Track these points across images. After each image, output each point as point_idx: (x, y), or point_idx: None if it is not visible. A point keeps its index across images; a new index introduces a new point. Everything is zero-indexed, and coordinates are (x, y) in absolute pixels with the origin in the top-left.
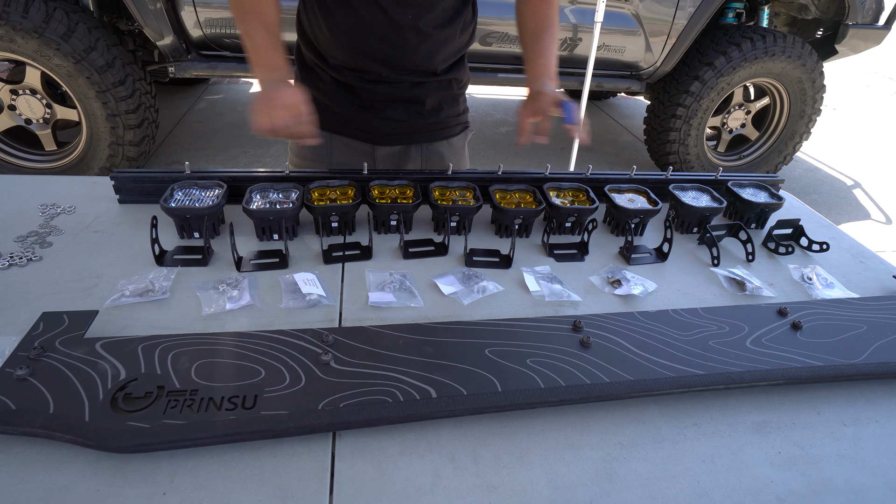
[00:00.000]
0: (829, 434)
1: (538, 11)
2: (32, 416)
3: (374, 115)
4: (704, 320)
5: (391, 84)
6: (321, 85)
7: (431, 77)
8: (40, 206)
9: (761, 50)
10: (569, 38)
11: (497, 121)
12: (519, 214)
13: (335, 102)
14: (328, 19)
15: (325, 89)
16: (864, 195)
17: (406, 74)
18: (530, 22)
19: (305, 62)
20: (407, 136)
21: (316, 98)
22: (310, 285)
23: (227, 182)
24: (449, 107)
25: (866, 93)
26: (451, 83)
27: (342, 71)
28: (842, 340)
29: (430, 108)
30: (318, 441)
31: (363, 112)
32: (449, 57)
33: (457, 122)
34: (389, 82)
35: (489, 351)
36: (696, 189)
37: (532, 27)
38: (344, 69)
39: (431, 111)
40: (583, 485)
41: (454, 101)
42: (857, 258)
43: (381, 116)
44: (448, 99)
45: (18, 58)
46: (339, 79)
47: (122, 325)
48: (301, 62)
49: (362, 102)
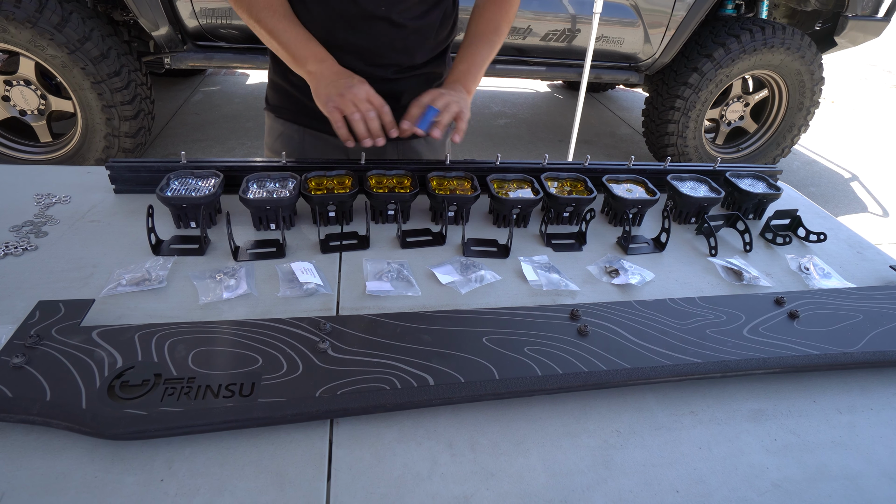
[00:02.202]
0: (825, 422)
1: (487, 18)
2: (29, 404)
3: None
4: (702, 309)
5: (366, 78)
6: (292, 76)
7: (409, 72)
8: (35, 196)
9: (760, 42)
10: (567, 28)
11: (495, 113)
12: (517, 204)
13: (307, 95)
14: (298, 8)
15: (297, 81)
16: (861, 188)
17: (382, 69)
18: (477, 25)
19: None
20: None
21: (287, 90)
22: (307, 274)
23: (224, 171)
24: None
25: (865, 86)
26: (431, 79)
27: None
28: (838, 329)
29: (406, 105)
30: (316, 428)
31: None
32: (429, 51)
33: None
34: (364, 76)
35: (487, 339)
36: (694, 179)
37: (475, 30)
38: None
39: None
40: (580, 472)
41: None
42: (854, 249)
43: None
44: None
45: (12, 48)
46: None
47: (118, 314)
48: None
49: None
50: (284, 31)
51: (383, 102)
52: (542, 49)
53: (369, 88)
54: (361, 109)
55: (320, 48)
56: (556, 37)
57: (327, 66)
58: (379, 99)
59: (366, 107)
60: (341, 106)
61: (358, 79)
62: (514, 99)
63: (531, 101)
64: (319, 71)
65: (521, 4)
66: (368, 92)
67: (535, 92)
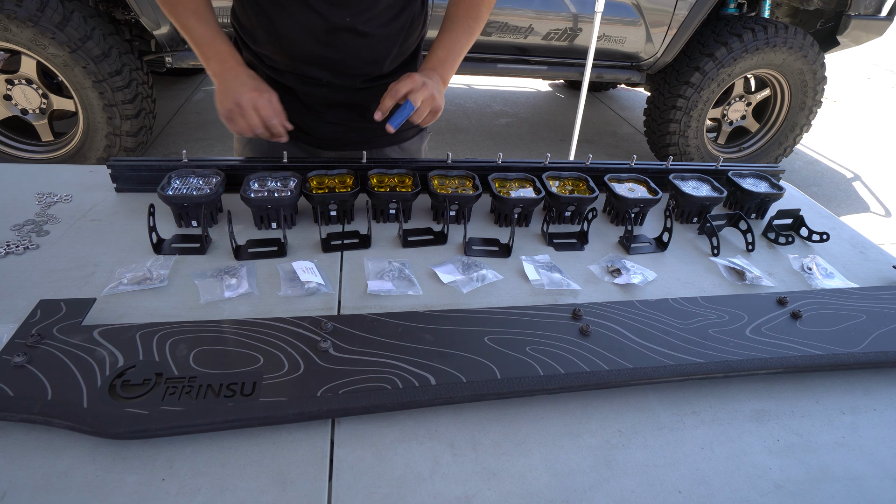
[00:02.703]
0: (828, 422)
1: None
2: (31, 403)
3: (315, 118)
4: (704, 309)
5: (334, 88)
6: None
7: (378, 81)
8: (37, 195)
9: (763, 41)
10: (569, 28)
11: (496, 112)
12: (519, 203)
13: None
14: (261, 20)
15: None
16: (863, 188)
17: (350, 79)
18: (457, 9)
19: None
20: (353, 140)
21: None
22: (308, 273)
23: (225, 170)
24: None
25: (867, 85)
26: None
27: (282, 73)
28: (841, 330)
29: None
30: (317, 428)
31: (305, 115)
32: (397, 57)
33: (408, 124)
34: (332, 87)
35: (488, 339)
36: (697, 179)
37: (455, 14)
38: (283, 72)
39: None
40: (582, 471)
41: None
42: (857, 249)
43: (323, 120)
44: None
45: (13, 47)
46: (278, 80)
47: (119, 312)
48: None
49: (303, 105)
50: (194, 28)
51: (271, 114)
52: (543, 48)
53: (259, 97)
54: (251, 124)
55: (226, 47)
56: (557, 36)
57: (228, 68)
58: (268, 109)
59: (254, 121)
60: (232, 117)
61: (250, 85)
62: (515, 98)
63: (532, 101)
64: (220, 72)
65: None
66: (256, 101)
67: (537, 91)
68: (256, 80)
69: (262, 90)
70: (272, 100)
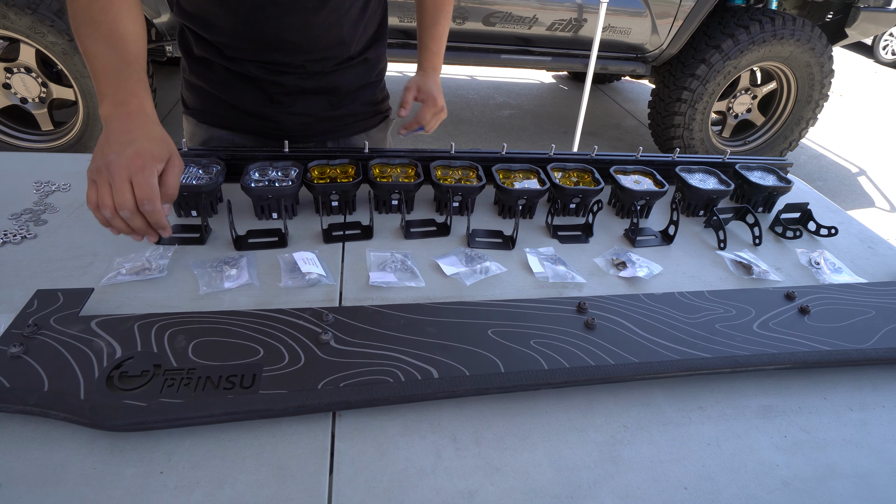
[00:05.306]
0: (836, 419)
1: None
2: (27, 394)
3: (280, 109)
4: (711, 303)
5: (298, 75)
6: (214, 77)
7: (346, 63)
8: (35, 184)
9: (770, 33)
10: (573, 18)
11: (499, 103)
12: (523, 195)
13: (232, 95)
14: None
15: (219, 81)
16: (869, 183)
17: (318, 63)
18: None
19: (193, 53)
20: (320, 131)
21: (209, 92)
22: (309, 264)
23: (226, 160)
24: (366, 96)
25: (874, 79)
26: (368, 68)
27: (241, 63)
28: (849, 325)
29: (344, 99)
30: (318, 421)
31: (267, 106)
32: (364, 38)
33: (375, 111)
34: (297, 73)
35: (492, 332)
36: (704, 171)
37: (432, 6)
38: (242, 60)
39: (346, 102)
40: (586, 467)
41: (371, 90)
42: (866, 243)
43: (288, 111)
44: (365, 87)
45: (12, 35)
46: (237, 70)
47: (118, 303)
48: (187, 52)
49: (266, 96)
50: (96, 56)
51: (147, 197)
52: (547, 39)
53: (142, 165)
54: (119, 202)
55: (133, 84)
56: (562, 26)
57: (122, 114)
58: (144, 190)
59: (121, 198)
60: (97, 184)
61: (139, 146)
62: (518, 90)
63: (536, 92)
64: (109, 117)
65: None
66: (136, 171)
67: (540, 83)
68: (155, 141)
69: (154, 157)
70: (170, 176)
